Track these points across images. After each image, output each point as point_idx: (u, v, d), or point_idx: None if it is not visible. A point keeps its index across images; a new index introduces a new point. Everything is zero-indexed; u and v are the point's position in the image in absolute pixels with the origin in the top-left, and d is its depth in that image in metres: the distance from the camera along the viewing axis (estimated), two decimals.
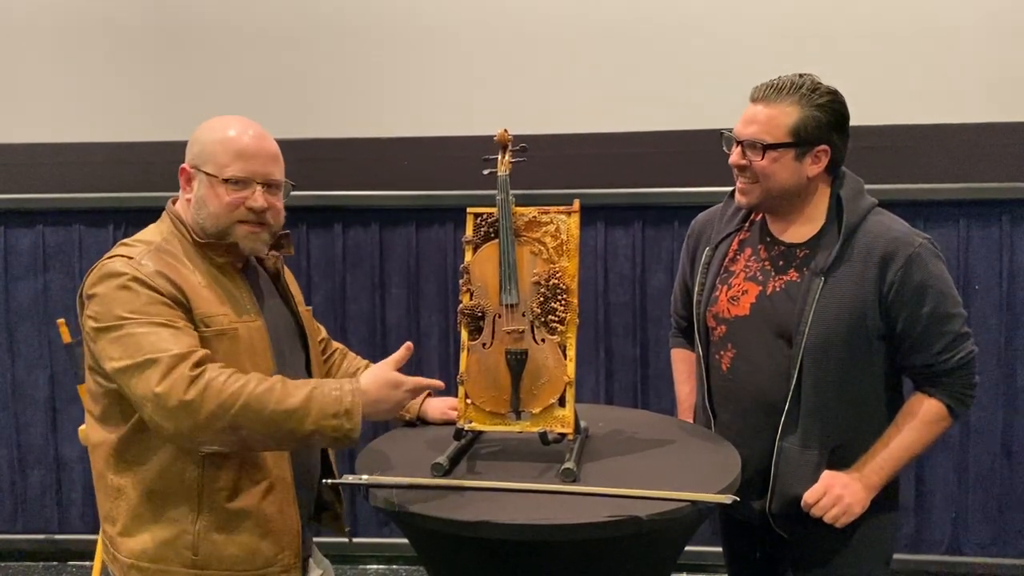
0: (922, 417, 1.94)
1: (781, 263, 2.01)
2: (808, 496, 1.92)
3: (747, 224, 2.11)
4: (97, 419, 1.77)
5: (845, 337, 1.90)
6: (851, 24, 3.27)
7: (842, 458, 1.95)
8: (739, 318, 2.02)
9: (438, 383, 1.84)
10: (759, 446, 1.97)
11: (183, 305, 1.70)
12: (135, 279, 1.68)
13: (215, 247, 1.80)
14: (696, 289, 2.13)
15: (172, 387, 1.59)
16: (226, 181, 1.77)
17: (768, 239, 2.05)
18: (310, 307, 2.06)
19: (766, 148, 1.92)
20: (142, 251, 1.74)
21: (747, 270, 2.05)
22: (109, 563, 1.80)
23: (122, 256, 1.73)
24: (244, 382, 1.62)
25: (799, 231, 2.01)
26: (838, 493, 1.90)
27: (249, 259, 1.88)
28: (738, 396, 2.04)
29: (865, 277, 1.90)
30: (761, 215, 2.09)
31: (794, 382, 1.93)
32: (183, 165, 1.80)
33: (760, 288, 2.01)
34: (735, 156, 1.97)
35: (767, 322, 1.98)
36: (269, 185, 1.81)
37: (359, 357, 2.22)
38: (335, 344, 2.21)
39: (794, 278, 1.98)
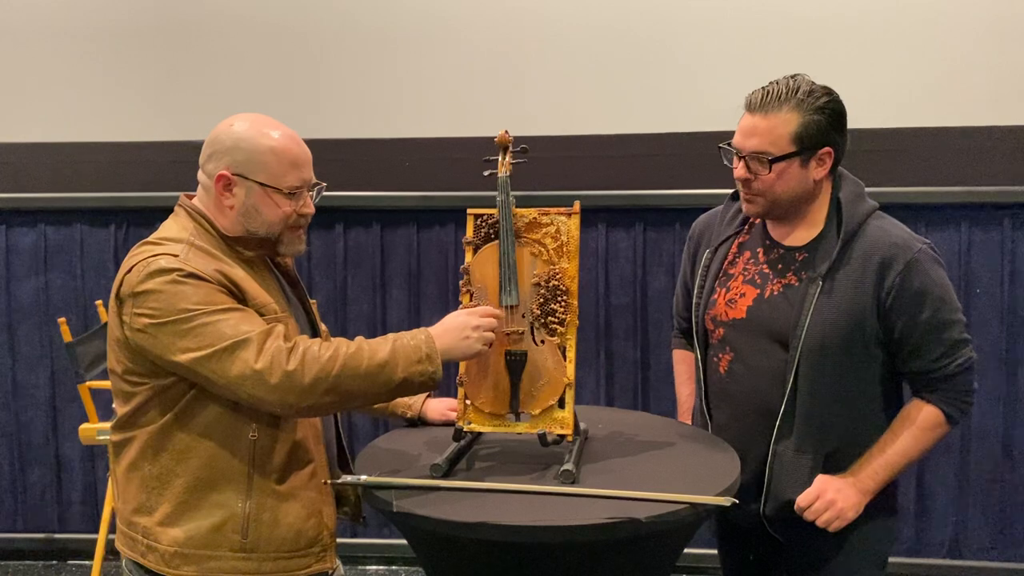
0: (919, 423, 1.92)
1: (779, 267, 1.99)
2: (801, 500, 1.91)
3: (747, 227, 2.09)
4: (128, 416, 1.76)
5: (842, 342, 1.89)
6: (852, 26, 3.27)
7: (838, 463, 1.94)
8: (737, 321, 2.01)
9: (498, 312, 1.88)
10: (754, 449, 1.96)
11: (237, 297, 1.73)
12: (189, 274, 1.68)
13: (246, 241, 1.80)
14: (695, 291, 2.11)
15: (273, 361, 1.64)
16: (286, 192, 1.78)
17: (767, 242, 2.03)
18: (314, 300, 2.08)
19: (772, 161, 1.88)
20: (183, 248, 1.74)
21: (745, 273, 2.04)
22: (139, 557, 1.78)
23: (166, 254, 1.72)
24: (335, 346, 1.71)
25: (799, 235, 1.99)
26: (831, 498, 1.89)
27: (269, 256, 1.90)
28: (734, 399, 2.03)
29: (863, 282, 1.89)
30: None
31: (789, 386, 1.92)
32: (222, 171, 1.76)
33: (758, 291, 2.00)
34: (740, 170, 1.93)
35: (764, 326, 1.97)
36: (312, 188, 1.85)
37: None
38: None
39: (792, 282, 1.96)
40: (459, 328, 1.79)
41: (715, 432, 2.06)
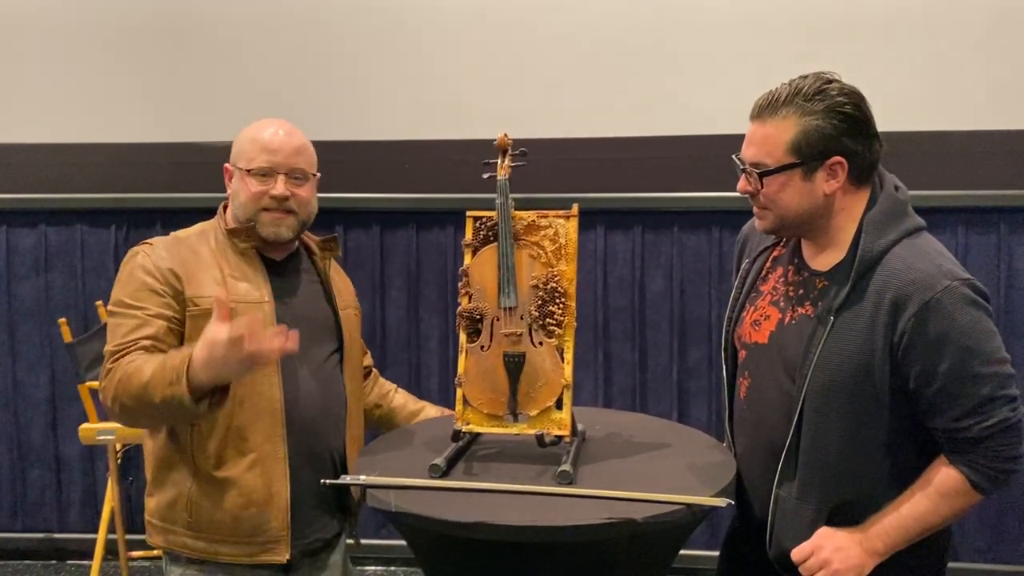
0: (936, 486, 1.67)
1: (801, 292, 1.78)
2: (794, 554, 1.70)
3: (784, 239, 1.89)
4: None
5: (849, 388, 1.67)
6: (850, 30, 3.29)
7: (849, 517, 1.71)
8: (758, 345, 1.83)
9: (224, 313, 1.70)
10: (762, 486, 1.80)
11: (174, 287, 1.88)
12: (140, 266, 1.90)
13: (238, 233, 1.96)
14: (729, 303, 1.94)
15: (101, 380, 1.84)
16: (251, 172, 1.94)
17: (796, 261, 1.83)
18: (360, 309, 2.20)
19: (762, 174, 1.70)
20: (165, 238, 1.97)
21: (773, 293, 1.85)
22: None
23: (148, 243, 1.95)
24: (137, 366, 1.77)
25: (824, 258, 1.77)
26: (826, 557, 1.67)
27: (292, 250, 2.04)
28: (748, 429, 1.87)
29: (875, 323, 1.65)
30: None
31: (793, 427, 1.72)
32: (226, 165, 2.00)
33: (780, 316, 1.81)
34: (741, 183, 1.75)
35: (780, 355, 1.78)
36: (293, 176, 1.95)
37: (388, 383, 2.31)
38: (373, 369, 2.33)
39: (808, 312, 1.75)
40: (211, 345, 1.65)
41: (738, 460, 1.89)
